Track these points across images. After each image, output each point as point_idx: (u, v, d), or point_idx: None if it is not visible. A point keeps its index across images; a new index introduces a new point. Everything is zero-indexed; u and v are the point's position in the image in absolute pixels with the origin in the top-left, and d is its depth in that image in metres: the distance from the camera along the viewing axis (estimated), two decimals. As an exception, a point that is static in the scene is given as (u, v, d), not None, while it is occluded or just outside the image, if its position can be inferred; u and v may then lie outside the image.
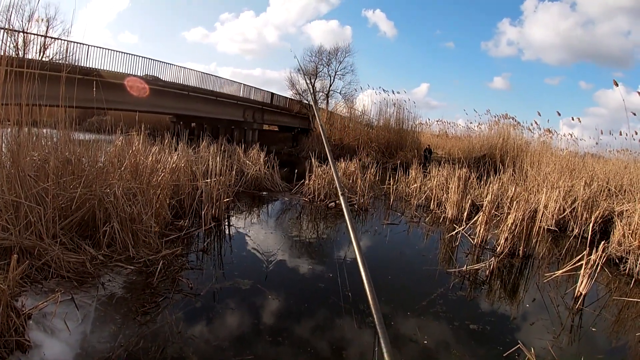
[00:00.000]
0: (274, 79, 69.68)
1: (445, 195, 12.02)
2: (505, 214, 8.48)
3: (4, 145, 5.56)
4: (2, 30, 7.75)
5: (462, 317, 5.34)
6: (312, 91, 35.47)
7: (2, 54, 5.54)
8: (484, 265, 7.08)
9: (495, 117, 26.54)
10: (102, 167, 6.90)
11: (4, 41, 5.82)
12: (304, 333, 4.73)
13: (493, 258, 7.36)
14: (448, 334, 4.92)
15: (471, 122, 28.62)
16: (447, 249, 8.56)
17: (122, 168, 7.23)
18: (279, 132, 35.01)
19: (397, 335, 4.78)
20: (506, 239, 8.05)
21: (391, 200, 12.97)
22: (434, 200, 12.40)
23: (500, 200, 10.28)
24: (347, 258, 7.36)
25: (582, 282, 6.14)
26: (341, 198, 1.94)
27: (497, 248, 8.16)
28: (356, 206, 11.64)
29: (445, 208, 11.67)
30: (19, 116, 5.72)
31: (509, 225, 8.05)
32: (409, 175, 14.55)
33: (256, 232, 8.83)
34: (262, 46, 76.58)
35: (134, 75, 18.10)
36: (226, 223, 9.19)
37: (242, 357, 4.11)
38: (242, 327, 4.75)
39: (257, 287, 5.80)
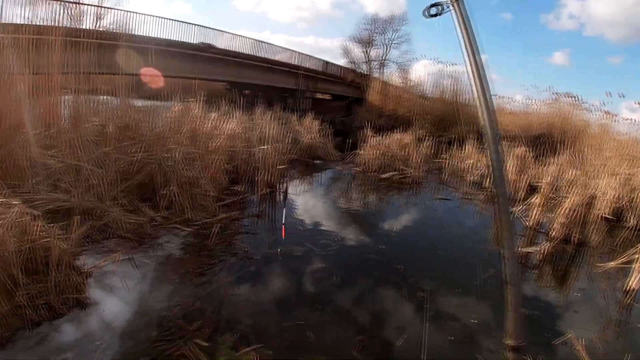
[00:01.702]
0: (327, 47, 67.91)
1: None
2: (562, 198, 7.82)
3: (65, 111, 5.62)
4: (57, 2, 7.82)
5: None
6: (367, 60, 34.46)
7: (58, 24, 5.54)
8: (537, 249, 6.57)
9: (555, 94, 24.52)
10: (160, 132, 6.90)
11: (59, 13, 5.82)
12: (353, 304, 4.57)
13: (546, 242, 6.82)
14: (496, 316, 4.58)
15: (530, 99, 26.39)
16: (499, 229, 8.01)
17: (181, 133, 7.23)
18: (332, 101, 34.23)
19: (444, 312, 4.53)
20: (562, 224, 7.43)
21: (445, 175, 12.39)
22: (488, 178, 11.69)
23: (558, 182, 9.50)
24: (398, 231, 7.11)
25: (634, 276, 5.56)
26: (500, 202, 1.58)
27: (551, 232, 7.56)
28: (410, 179, 11.22)
29: None
30: (78, 84, 5.75)
31: (566, 209, 7.40)
32: (463, 150, 13.83)
33: (309, 200, 8.69)
34: (314, 14, 74.83)
35: (189, 43, 18.17)
36: (280, 190, 9.08)
37: (293, 322, 4.02)
38: (293, 293, 4.66)
39: (309, 254, 5.68)
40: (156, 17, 16.88)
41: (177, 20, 18.23)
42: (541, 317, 4.66)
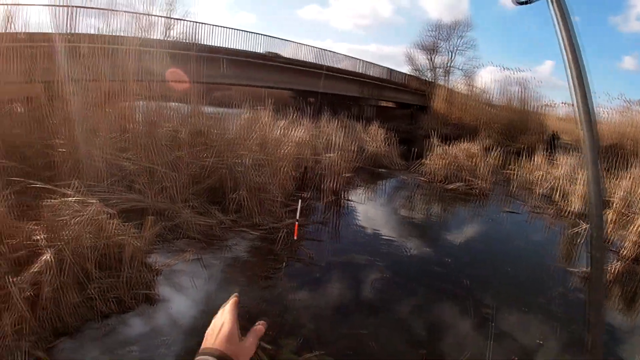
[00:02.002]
0: (390, 55, 66.66)
1: (571, 186, 10.33)
2: (636, 214, 6.98)
3: (139, 117, 5.82)
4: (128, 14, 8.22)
5: (580, 320, 4.44)
6: (431, 67, 33.59)
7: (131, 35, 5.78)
8: (606, 267, 5.84)
9: (627, 102, 22.35)
10: (231, 138, 7.00)
11: (130, 24, 6.14)
12: (416, 316, 4.36)
13: (617, 261, 6.15)
14: (562, 337, 4.14)
15: (601, 107, 24.15)
16: (568, 245, 7.32)
17: (251, 140, 7.30)
18: (396, 109, 33.45)
19: (509, 331, 4.20)
20: (634, 243, 6.59)
21: (513, 187, 11.57)
22: (558, 191, 10.70)
23: (631, 197, 8.53)
24: (463, 244, 6.70)
25: None
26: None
27: (622, 251, 6.73)
28: (476, 190, 10.60)
29: (570, 200, 10.02)
30: (151, 91, 5.96)
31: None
32: (532, 161, 12.89)
33: (373, 209, 8.42)
34: (376, 21, 73.99)
35: (256, 52, 18.53)
36: (345, 197, 8.90)
37: (355, 331, 3.88)
38: (356, 302, 4.49)
39: (374, 264, 5.44)
40: (223, 27, 17.25)
41: (244, 30, 18.62)
42: (607, 341, 4.13)
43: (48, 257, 3.10)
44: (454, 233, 7.36)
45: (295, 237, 3.59)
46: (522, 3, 1.12)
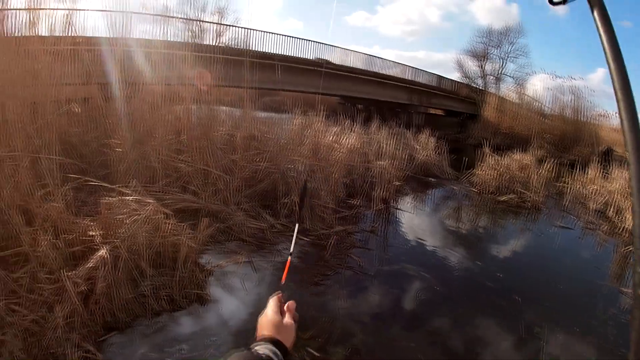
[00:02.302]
0: (439, 62, 64.81)
1: (625, 201, 9.52)
2: None
3: (194, 120, 5.90)
4: (181, 21, 8.38)
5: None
6: (481, 74, 32.44)
7: (188, 41, 5.89)
8: None
9: None
10: (284, 144, 6.98)
11: (183, 30, 6.28)
12: (467, 331, 4.12)
13: None
14: None
15: None
16: (621, 264, 6.71)
17: (303, 145, 7.26)
18: (445, 117, 32.27)
19: (559, 350, 3.94)
20: None
21: (566, 201, 10.80)
22: (612, 206, 9.84)
23: None
24: (514, 259, 6.33)
25: None
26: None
27: None
28: (528, 204, 10.00)
29: (624, 216, 9.23)
30: (206, 95, 6.03)
31: None
32: (586, 174, 12.04)
33: (423, 219, 8.10)
34: (424, 27, 72.48)
35: (307, 59, 18.65)
36: (394, 206, 8.65)
37: (405, 343, 3.73)
38: (407, 314, 4.31)
39: (423, 275, 5.21)
40: (274, 34, 17.60)
41: (294, 37, 18.88)
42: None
43: (103, 253, 3.11)
44: (504, 247, 6.94)
45: (283, 281, 3.35)
46: (556, 3, 0.99)
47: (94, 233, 3.34)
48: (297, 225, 1.32)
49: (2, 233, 3.15)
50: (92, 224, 3.44)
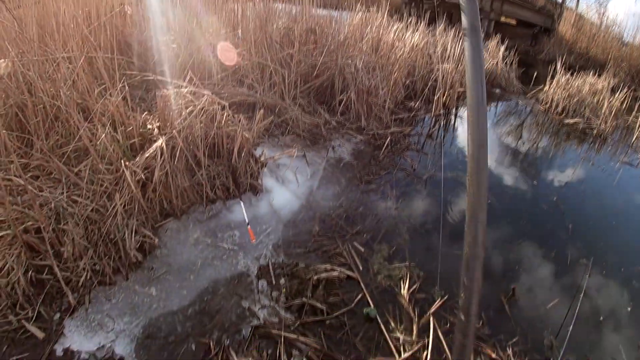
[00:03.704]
0: None
1: None
2: None
3: (250, 13, 5.55)
4: None
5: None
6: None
7: None
8: None
9: None
10: (343, 39, 6.51)
11: None
12: (511, 249, 3.94)
13: None
14: None
15: None
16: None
17: (363, 41, 6.76)
18: (517, 27, 29.24)
19: (602, 289, 3.66)
20: None
21: (635, 137, 9.43)
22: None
23: None
24: (571, 186, 5.77)
25: None
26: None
27: None
28: (594, 131, 8.89)
29: None
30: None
31: None
32: None
33: None
34: None
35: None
36: (455, 113, 8.09)
37: (450, 250, 3.59)
38: (452, 221, 4.15)
39: None
40: None
41: None
42: None
43: (160, 144, 3.10)
44: (563, 172, 6.33)
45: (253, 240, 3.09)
46: None
47: (151, 126, 3.32)
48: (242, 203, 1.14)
49: (62, 131, 3.21)
50: (149, 117, 3.41)
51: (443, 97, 7.65)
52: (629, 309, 3.47)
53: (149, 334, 2.41)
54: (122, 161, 2.88)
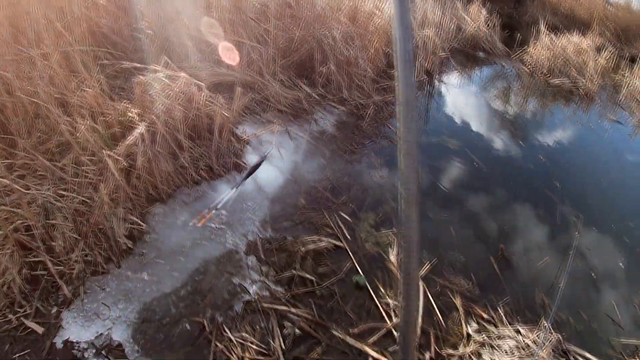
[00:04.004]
0: None
1: None
2: None
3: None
4: None
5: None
6: None
7: None
8: None
9: None
10: (320, 11, 6.41)
11: None
12: (501, 211, 4.06)
13: None
14: None
15: None
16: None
17: (341, 11, 6.66)
18: None
19: (593, 246, 3.78)
20: None
21: (621, 95, 9.34)
22: None
23: None
24: (560, 146, 5.84)
25: None
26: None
27: None
28: (581, 91, 8.83)
29: None
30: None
31: None
32: None
33: (467, 95, 7.44)
34: None
35: None
36: (438, 79, 8.02)
37: (438, 216, 3.73)
38: (441, 188, 4.24)
39: (463, 150, 4.99)
40: None
41: None
42: None
43: (141, 130, 3.10)
44: (550, 133, 6.33)
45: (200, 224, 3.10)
46: None
47: (130, 113, 3.31)
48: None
49: (44, 128, 3.19)
50: (128, 105, 3.40)
51: (425, 63, 7.60)
52: (621, 264, 3.59)
53: (144, 318, 2.49)
54: (104, 151, 2.89)
